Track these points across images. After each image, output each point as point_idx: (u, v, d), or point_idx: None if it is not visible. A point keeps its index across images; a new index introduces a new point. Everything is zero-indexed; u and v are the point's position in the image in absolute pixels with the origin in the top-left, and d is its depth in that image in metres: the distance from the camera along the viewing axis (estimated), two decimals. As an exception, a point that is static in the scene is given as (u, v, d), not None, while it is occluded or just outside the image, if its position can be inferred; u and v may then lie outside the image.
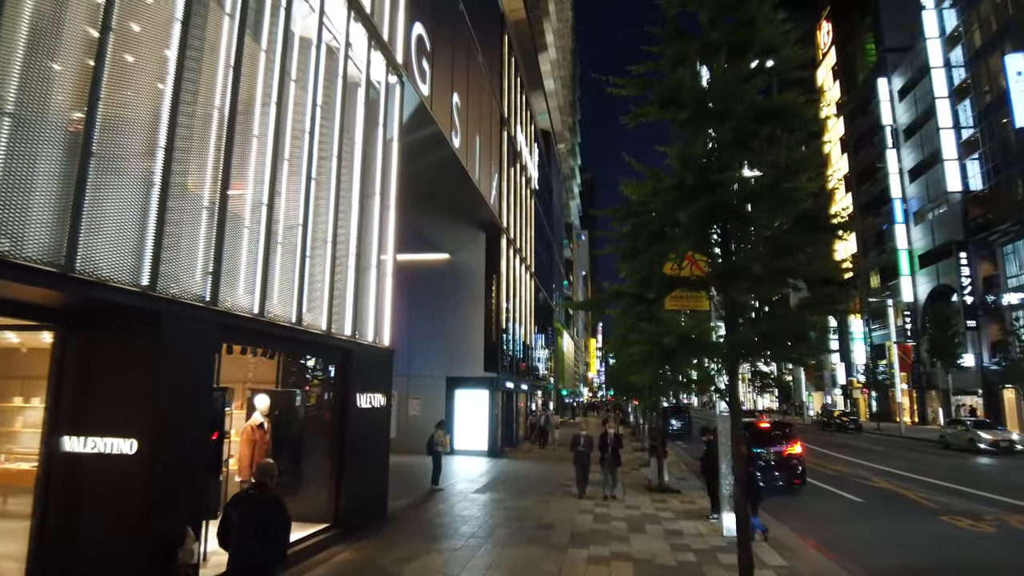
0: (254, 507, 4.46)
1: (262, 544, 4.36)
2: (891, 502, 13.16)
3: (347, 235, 9.61)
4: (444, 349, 21.64)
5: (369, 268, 10.31)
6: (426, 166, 15.81)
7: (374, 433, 10.06)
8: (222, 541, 4.51)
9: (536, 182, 33.53)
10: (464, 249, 22.19)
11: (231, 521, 4.46)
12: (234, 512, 4.51)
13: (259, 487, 4.57)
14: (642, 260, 5.97)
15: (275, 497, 4.57)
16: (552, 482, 15.16)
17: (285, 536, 4.54)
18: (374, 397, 10.01)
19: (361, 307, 9.86)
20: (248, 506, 4.51)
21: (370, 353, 10.00)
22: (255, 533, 4.35)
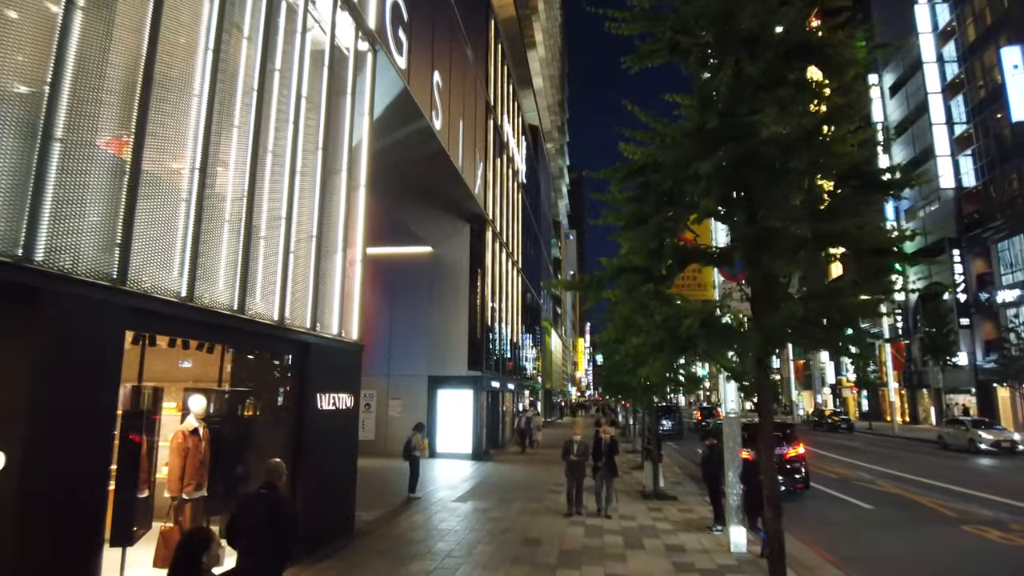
0: (262, 506, 4.49)
1: (270, 543, 4.40)
2: (904, 510, 12.24)
3: (309, 214, 8.46)
4: (426, 347, 20.49)
5: (334, 253, 9.16)
6: (405, 151, 14.70)
7: (339, 438, 8.91)
8: (230, 540, 4.54)
9: (524, 176, 32.48)
10: (448, 242, 21.05)
11: (239, 520, 4.51)
12: (242, 511, 4.58)
13: (268, 486, 4.64)
14: (651, 227, 4.89)
15: (283, 496, 4.72)
16: (540, 488, 14.08)
17: (292, 534, 4.59)
18: (339, 397, 8.86)
19: (324, 296, 8.72)
20: (256, 505, 4.53)
21: (334, 348, 8.85)
22: (263, 532, 4.38)
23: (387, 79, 11.52)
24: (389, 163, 15.01)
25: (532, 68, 41.29)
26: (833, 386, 57.35)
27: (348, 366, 9.38)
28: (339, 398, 8.88)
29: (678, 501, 12.86)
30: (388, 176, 15.80)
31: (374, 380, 20.43)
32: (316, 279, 8.37)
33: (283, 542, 4.49)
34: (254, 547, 4.40)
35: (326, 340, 8.60)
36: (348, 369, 9.38)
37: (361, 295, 9.93)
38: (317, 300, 8.36)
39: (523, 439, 23.92)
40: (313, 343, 8.18)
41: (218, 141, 6.61)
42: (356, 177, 10.11)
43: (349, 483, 9.36)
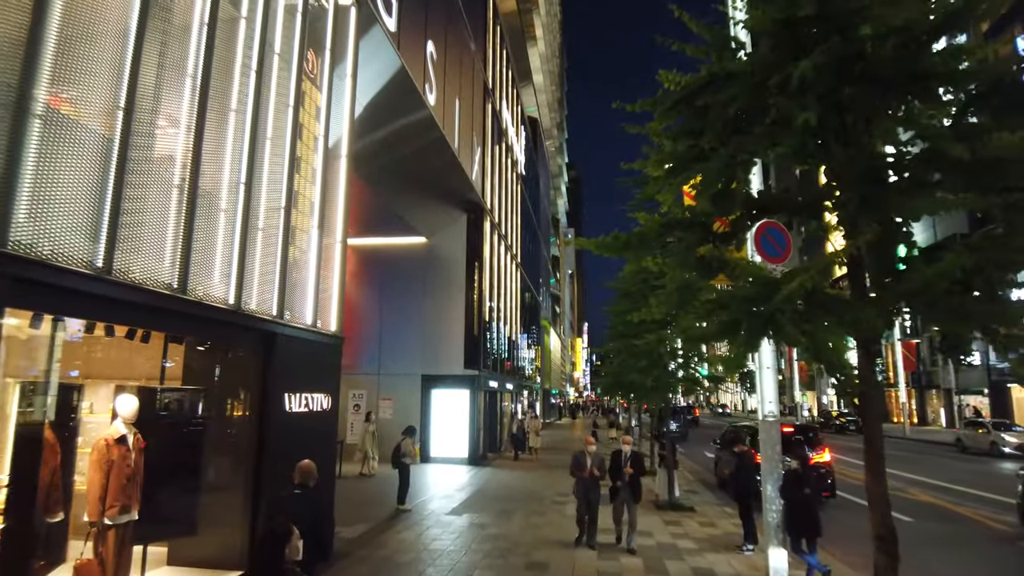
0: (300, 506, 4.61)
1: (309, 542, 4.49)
2: (948, 522, 11.04)
3: (278, 184, 7.20)
4: (420, 344, 19.22)
5: (308, 230, 7.90)
6: (397, 130, 13.45)
7: (312, 444, 7.63)
8: None
9: (523, 167, 31.25)
10: (443, 232, 19.79)
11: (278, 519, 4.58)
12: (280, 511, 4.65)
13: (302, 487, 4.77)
14: (715, 164, 3.64)
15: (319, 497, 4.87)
16: (543, 499, 12.82)
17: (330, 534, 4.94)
18: (313, 398, 7.60)
19: (295, 280, 7.45)
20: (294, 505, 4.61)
21: (307, 340, 7.59)
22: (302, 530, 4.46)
23: (375, 43, 10.27)
24: (380, 144, 13.78)
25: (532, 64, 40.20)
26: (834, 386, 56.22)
27: (324, 362, 8.11)
28: (313, 398, 7.61)
29: (696, 513, 11.63)
30: (379, 159, 14.57)
31: (363, 379, 19.16)
32: (284, 259, 7.11)
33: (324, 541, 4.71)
34: None
35: (297, 331, 7.33)
36: (324, 365, 8.11)
37: (342, 281, 8.67)
38: (286, 284, 7.09)
39: (516, 446, 21.32)
40: (280, 334, 6.92)
41: (158, 86, 5.37)
42: (338, 146, 8.85)
43: (325, 490, 8.08)
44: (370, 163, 14.48)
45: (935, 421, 41.10)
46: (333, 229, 8.61)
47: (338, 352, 8.53)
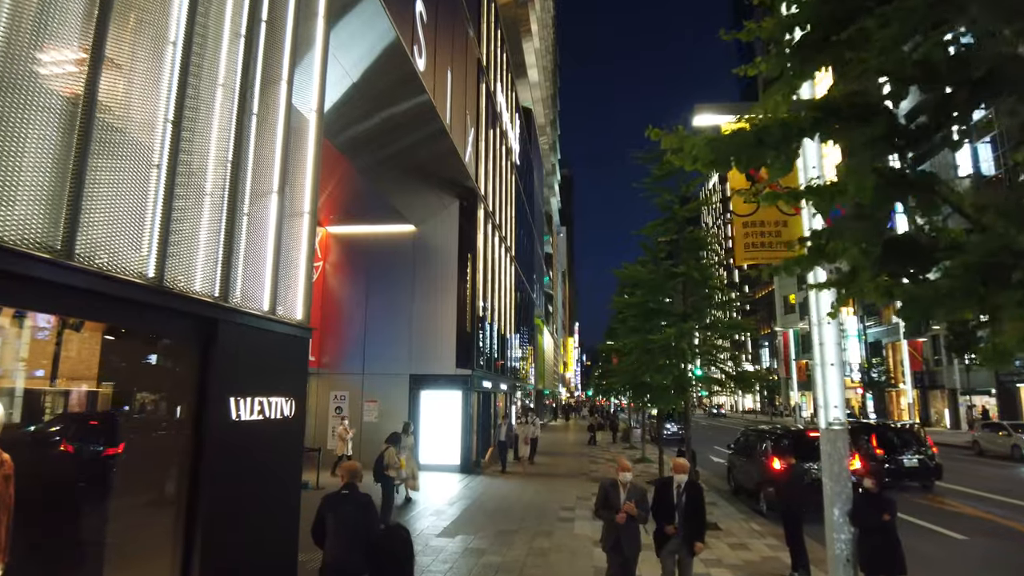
0: (348, 506, 4.62)
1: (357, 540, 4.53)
2: (1009, 540, 9.70)
3: (224, 133, 5.68)
4: (408, 341, 17.68)
5: (267, 195, 6.38)
6: (383, 101, 11.95)
7: (269, 460, 6.12)
8: (317, 540, 4.64)
9: (517, 156, 29.78)
10: (434, 219, 18.26)
11: (326, 520, 4.60)
12: (328, 512, 4.64)
13: (349, 487, 4.77)
14: None
15: (366, 496, 4.78)
16: (548, 514, 11.36)
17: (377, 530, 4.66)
18: (270, 402, 6.07)
19: (246, 255, 5.92)
20: (342, 505, 4.63)
21: (261, 330, 6.06)
22: (349, 531, 4.52)
23: None
24: (363, 115, 12.27)
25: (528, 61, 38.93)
26: (835, 387, 55.12)
27: (286, 358, 6.58)
28: (271, 403, 6.09)
29: (722, 531, 10.21)
30: (362, 133, 13.05)
31: (346, 380, 17.62)
32: (231, 228, 5.58)
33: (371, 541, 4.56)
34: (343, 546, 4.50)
35: (248, 318, 5.80)
36: (286, 362, 6.58)
37: (310, 260, 7.15)
38: (231, 259, 5.56)
39: (504, 455, 17.95)
40: (224, 321, 5.39)
41: None
42: (307, 97, 7.33)
43: (288, 520, 6.56)
44: (351, 139, 12.96)
45: (938, 422, 40.09)
46: (300, 197, 7.09)
47: (305, 347, 7.01)
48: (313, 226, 7.21)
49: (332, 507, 4.67)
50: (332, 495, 4.84)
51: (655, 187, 11.27)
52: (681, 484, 6.24)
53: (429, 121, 13.13)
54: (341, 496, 4.74)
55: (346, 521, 4.56)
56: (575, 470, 18.25)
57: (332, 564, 4.55)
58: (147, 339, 5.02)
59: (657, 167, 11.12)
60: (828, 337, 6.39)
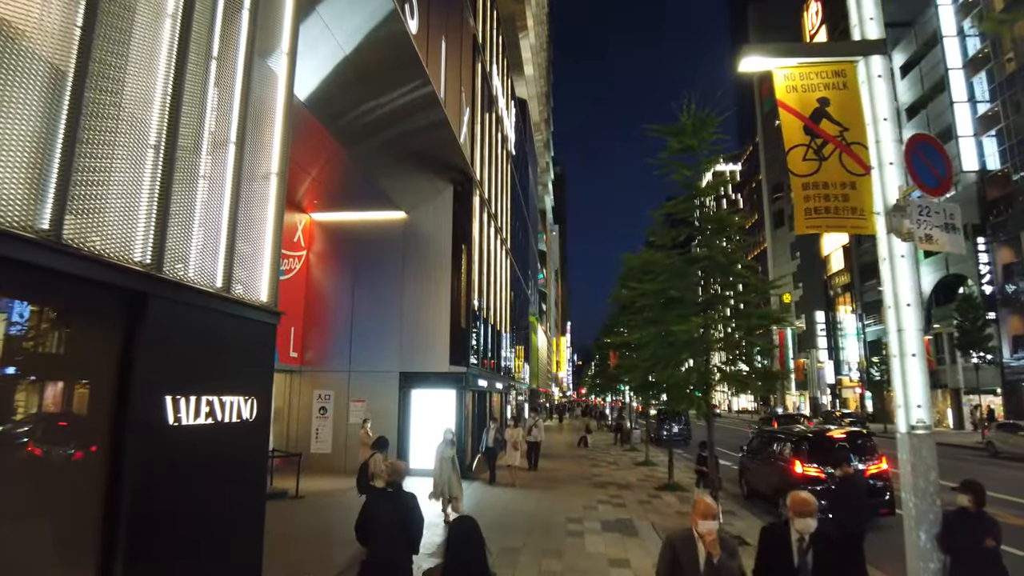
0: (393, 503, 4.62)
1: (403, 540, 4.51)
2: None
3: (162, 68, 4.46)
4: (398, 337, 16.45)
5: (221, 147, 5.15)
6: (371, 67, 10.74)
7: (222, 473, 4.89)
8: (360, 537, 4.63)
9: (513, 146, 28.59)
10: (426, 206, 17.04)
11: (371, 517, 4.59)
12: (374, 509, 4.64)
13: (393, 485, 4.76)
14: None
15: (410, 493, 4.75)
16: (553, 525, 10.17)
17: (420, 531, 4.67)
18: (224, 402, 4.86)
19: (189, 216, 4.70)
20: (387, 503, 4.63)
21: (212, 311, 4.84)
22: (395, 528, 4.50)
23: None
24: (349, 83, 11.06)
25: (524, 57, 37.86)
26: (832, 386, 54.51)
27: (247, 347, 5.36)
28: (224, 403, 4.87)
29: (750, 545, 9.07)
30: (352, 110, 11.83)
31: (331, 377, 16.37)
32: (167, 181, 4.36)
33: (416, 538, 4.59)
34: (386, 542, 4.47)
35: (192, 295, 4.58)
36: (247, 352, 5.36)
37: (278, 232, 5.93)
38: (166, 219, 4.34)
39: (493, 463, 15.57)
40: (156, 296, 4.16)
41: None
42: (274, 36, 6.11)
43: (248, 548, 5.33)
44: (341, 113, 11.73)
45: (941, 422, 39.34)
46: (267, 156, 5.87)
47: (271, 335, 5.78)
48: (283, 190, 5.99)
49: (377, 505, 4.68)
50: (377, 492, 4.87)
51: (673, 162, 10.12)
52: (806, 535, 3.89)
53: (421, 90, 11.91)
54: (386, 494, 4.75)
55: (391, 519, 4.55)
56: (576, 474, 17.08)
57: (376, 562, 4.53)
58: (47, 317, 3.78)
59: (676, 140, 9.98)
60: (909, 322, 5.26)
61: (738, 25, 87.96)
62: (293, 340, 16.24)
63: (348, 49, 10.27)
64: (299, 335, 16.52)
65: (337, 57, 10.41)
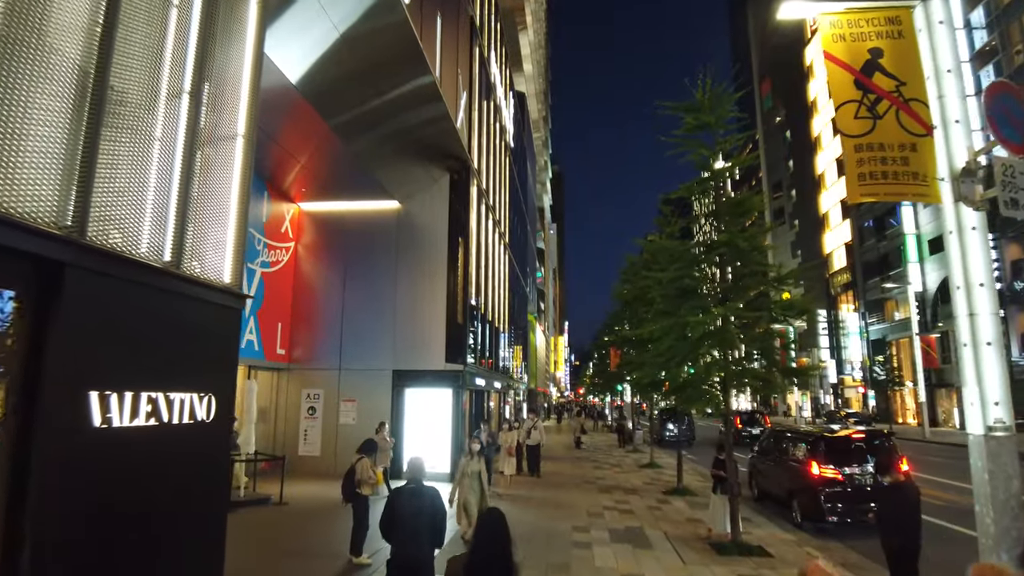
0: (417, 499, 4.70)
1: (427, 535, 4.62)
2: None
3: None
4: (390, 333, 15.63)
5: (174, 97, 4.34)
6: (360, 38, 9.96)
7: (169, 487, 4.08)
8: (385, 533, 4.69)
9: (511, 138, 27.78)
10: (421, 195, 16.22)
11: (396, 513, 4.65)
12: (398, 504, 4.69)
13: (415, 482, 4.86)
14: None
15: (433, 489, 4.86)
16: (557, 535, 9.37)
17: (444, 526, 4.76)
18: (173, 400, 4.05)
19: (129, 175, 3.88)
20: (412, 498, 4.71)
21: (156, 290, 4.02)
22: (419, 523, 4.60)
23: None
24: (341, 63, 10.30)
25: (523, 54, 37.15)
26: (835, 385, 53.81)
27: (203, 335, 4.54)
28: (174, 401, 4.06)
29: (773, 556, 8.30)
30: (343, 89, 11.03)
31: (320, 375, 15.55)
32: (93, 127, 3.54)
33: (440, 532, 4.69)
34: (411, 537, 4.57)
35: (129, 268, 3.77)
36: (203, 341, 4.54)
37: (244, 203, 5.11)
38: (90, 173, 3.52)
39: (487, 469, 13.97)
40: (76, 267, 3.35)
41: None
42: (239, -22, 5.29)
43: (206, 571, 4.52)
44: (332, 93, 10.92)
45: (946, 422, 38.68)
46: (229, 113, 5.05)
47: (234, 321, 4.96)
48: (250, 155, 5.17)
49: (400, 501, 4.72)
50: (402, 488, 4.88)
51: (688, 141, 9.34)
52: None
53: (415, 66, 11.10)
54: (409, 490, 4.81)
55: (414, 514, 4.61)
56: (578, 478, 16.29)
57: (401, 557, 4.58)
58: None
59: (692, 116, 9.21)
60: (983, 305, 4.49)
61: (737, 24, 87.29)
62: (280, 336, 15.42)
63: (343, 28, 9.54)
64: (287, 331, 15.69)
65: (331, 37, 9.72)
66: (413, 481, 4.89)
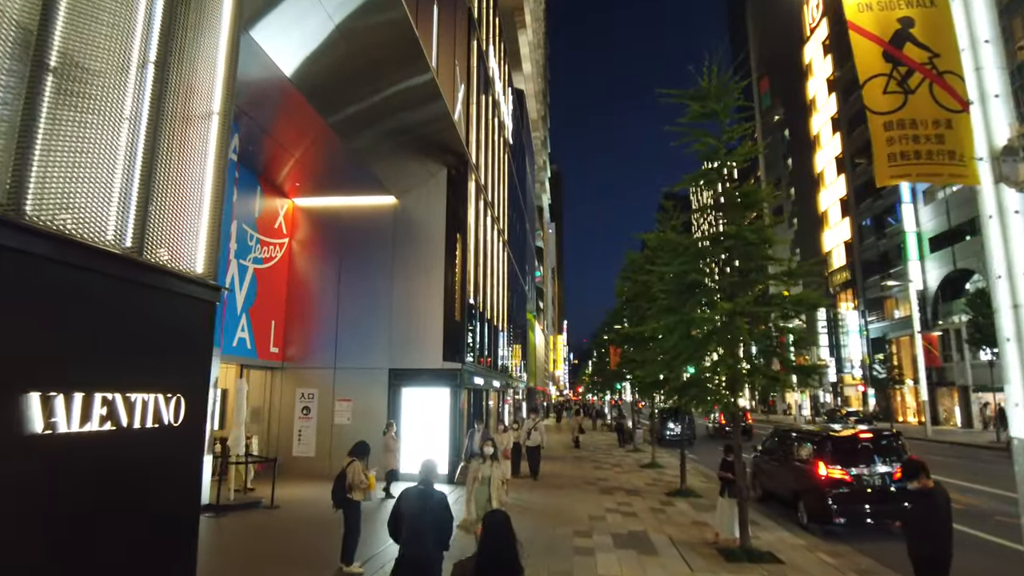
0: (424, 500, 4.76)
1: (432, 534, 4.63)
2: None
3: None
4: (387, 331, 15.23)
5: (142, 67, 3.93)
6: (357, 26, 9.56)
7: (129, 501, 3.66)
8: (393, 533, 4.82)
9: (510, 134, 27.37)
10: (418, 190, 15.81)
11: (402, 513, 4.74)
12: (405, 506, 4.77)
13: (425, 483, 4.92)
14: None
15: (440, 492, 4.89)
16: (560, 542, 8.97)
17: (451, 527, 4.79)
18: (135, 402, 3.64)
19: (81, 150, 3.47)
20: (419, 499, 4.77)
21: (114, 278, 3.60)
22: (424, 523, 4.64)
23: None
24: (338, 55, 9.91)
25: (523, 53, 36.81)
26: (834, 384, 53.51)
27: (170, 329, 4.13)
28: (136, 403, 3.65)
29: (784, 565, 7.91)
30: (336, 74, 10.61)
31: (315, 375, 15.16)
32: (35, 87, 3.13)
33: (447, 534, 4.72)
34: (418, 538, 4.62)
35: (78, 251, 3.36)
36: (170, 336, 4.14)
37: (219, 185, 4.71)
38: (31, 138, 3.11)
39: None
40: (11, 250, 2.94)
41: None
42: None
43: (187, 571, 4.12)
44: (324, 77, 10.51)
45: (948, 420, 38.38)
46: (202, 88, 4.64)
47: (207, 315, 4.55)
48: (226, 134, 4.76)
49: (408, 502, 4.78)
50: (410, 490, 4.91)
51: (694, 130, 8.94)
52: None
53: (412, 57, 10.70)
54: (417, 491, 4.87)
55: (421, 514, 4.68)
56: (579, 478, 15.90)
57: (408, 556, 4.64)
58: None
59: (700, 104, 8.82)
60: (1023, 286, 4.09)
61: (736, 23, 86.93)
62: (274, 334, 15.00)
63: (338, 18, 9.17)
64: (280, 329, 15.28)
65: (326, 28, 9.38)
66: (423, 483, 4.95)
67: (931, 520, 5.04)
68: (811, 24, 59.38)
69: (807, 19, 60.37)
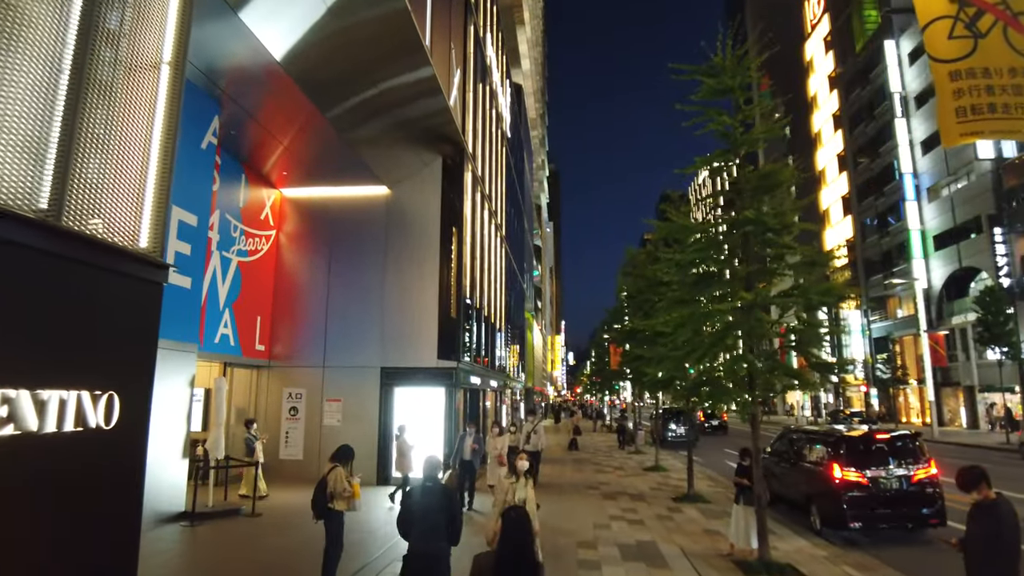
0: (433, 496, 4.83)
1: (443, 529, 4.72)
2: None
3: None
4: (379, 328, 14.53)
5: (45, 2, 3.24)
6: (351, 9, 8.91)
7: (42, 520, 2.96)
8: (402, 530, 4.82)
9: (508, 127, 26.70)
10: (412, 180, 15.12)
11: (412, 510, 4.78)
12: (414, 502, 4.82)
13: (431, 479, 4.97)
14: None
15: (448, 487, 5.15)
16: (564, 554, 8.27)
17: (460, 522, 4.87)
18: (47, 400, 2.94)
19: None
20: (428, 496, 4.83)
21: (17, 246, 2.90)
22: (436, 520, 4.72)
23: None
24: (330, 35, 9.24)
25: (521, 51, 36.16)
26: (836, 384, 52.89)
27: (106, 314, 3.43)
28: (49, 402, 2.96)
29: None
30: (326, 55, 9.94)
31: (303, 374, 14.46)
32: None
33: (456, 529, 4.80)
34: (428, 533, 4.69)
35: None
36: (107, 321, 3.44)
37: (169, 146, 4.01)
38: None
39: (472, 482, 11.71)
40: None
41: None
42: None
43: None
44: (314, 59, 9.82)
45: (953, 421, 37.80)
46: (150, 36, 3.95)
47: (152, 297, 3.85)
48: (178, 88, 4.07)
49: (417, 498, 4.83)
50: (417, 486, 4.95)
51: (708, 109, 8.28)
52: None
53: (404, 32, 10.01)
54: (425, 487, 4.90)
55: (430, 510, 4.73)
56: (580, 482, 15.22)
57: (417, 551, 4.67)
58: None
59: (715, 79, 8.16)
60: None
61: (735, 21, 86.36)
62: (260, 331, 14.30)
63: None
64: (267, 325, 14.57)
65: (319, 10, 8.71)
66: (429, 479, 4.99)
67: (998, 537, 4.36)
68: (812, 20, 58.86)
69: (808, 16, 59.86)
